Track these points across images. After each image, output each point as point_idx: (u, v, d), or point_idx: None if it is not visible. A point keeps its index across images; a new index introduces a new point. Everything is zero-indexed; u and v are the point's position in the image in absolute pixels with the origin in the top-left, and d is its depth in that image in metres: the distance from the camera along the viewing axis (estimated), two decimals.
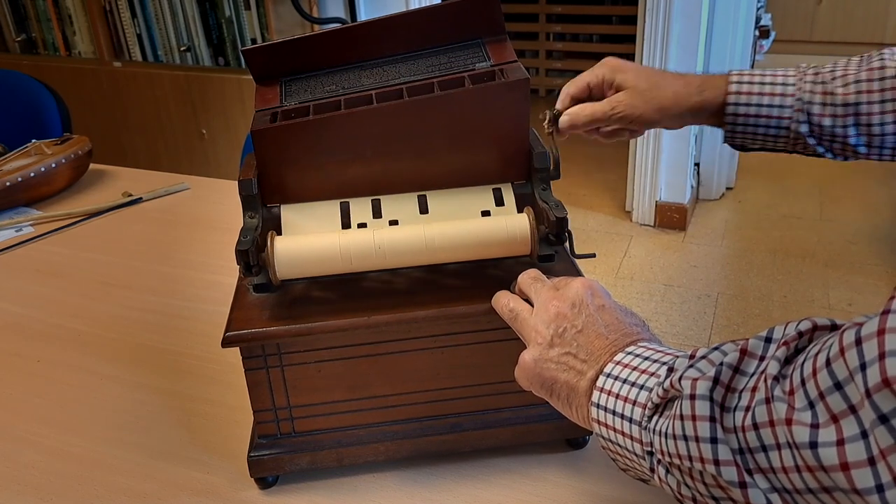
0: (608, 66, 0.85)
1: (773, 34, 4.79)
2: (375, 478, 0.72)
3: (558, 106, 0.86)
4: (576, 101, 0.86)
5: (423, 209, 0.72)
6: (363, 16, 2.47)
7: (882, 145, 0.78)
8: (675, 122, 0.84)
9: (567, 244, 0.69)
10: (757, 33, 2.98)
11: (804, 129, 0.79)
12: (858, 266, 2.61)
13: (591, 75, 0.85)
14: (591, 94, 0.86)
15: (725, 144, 0.85)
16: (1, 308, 1.05)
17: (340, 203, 0.72)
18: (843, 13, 4.77)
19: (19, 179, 1.31)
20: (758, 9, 2.89)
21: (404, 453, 0.72)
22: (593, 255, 0.72)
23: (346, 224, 0.71)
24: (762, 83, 0.80)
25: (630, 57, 3.21)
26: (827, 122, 0.78)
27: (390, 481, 0.72)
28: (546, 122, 0.85)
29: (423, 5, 1.40)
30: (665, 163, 2.84)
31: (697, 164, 3.02)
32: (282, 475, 0.72)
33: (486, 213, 0.72)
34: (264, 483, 0.72)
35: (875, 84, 0.76)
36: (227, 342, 0.65)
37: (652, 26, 2.64)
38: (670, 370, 0.48)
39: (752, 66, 3.03)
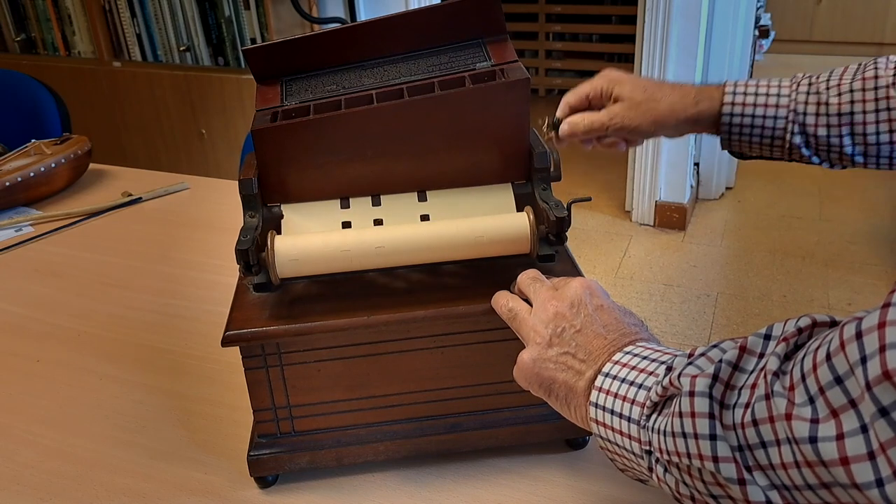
0: (606, 78, 0.86)
1: (772, 34, 4.79)
2: (375, 478, 0.72)
3: (558, 114, 0.88)
4: (574, 110, 0.87)
5: (423, 209, 0.72)
6: (363, 16, 2.47)
7: (878, 154, 0.79)
8: (673, 133, 0.86)
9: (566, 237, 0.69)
10: (757, 33, 2.99)
11: (798, 139, 0.80)
12: (858, 266, 2.61)
13: (590, 86, 0.87)
14: (591, 105, 0.87)
15: (722, 149, 0.86)
16: (1, 308, 1.05)
17: (340, 202, 0.72)
18: (843, 13, 4.78)
19: (19, 179, 1.31)
20: (757, 8, 2.90)
21: (404, 453, 0.72)
22: (589, 199, 0.73)
23: (346, 223, 0.71)
24: (756, 94, 0.81)
25: (630, 57, 3.22)
26: (822, 132, 0.79)
27: (390, 481, 0.72)
28: (545, 127, 0.87)
29: (424, 5, 1.40)
30: (665, 163, 2.84)
31: (697, 164, 3.02)
32: (281, 475, 0.72)
33: (484, 206, 0.72)
34: (264, 482, 0.72)
35: (869, 93, 0.76)
36: (226, 342, 0.65)
37: (651, 26, 2.64)
38: (669, 369, 0.48)
39: (752, 66, 3.04)
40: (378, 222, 0.71)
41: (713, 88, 0.84)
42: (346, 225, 0.71)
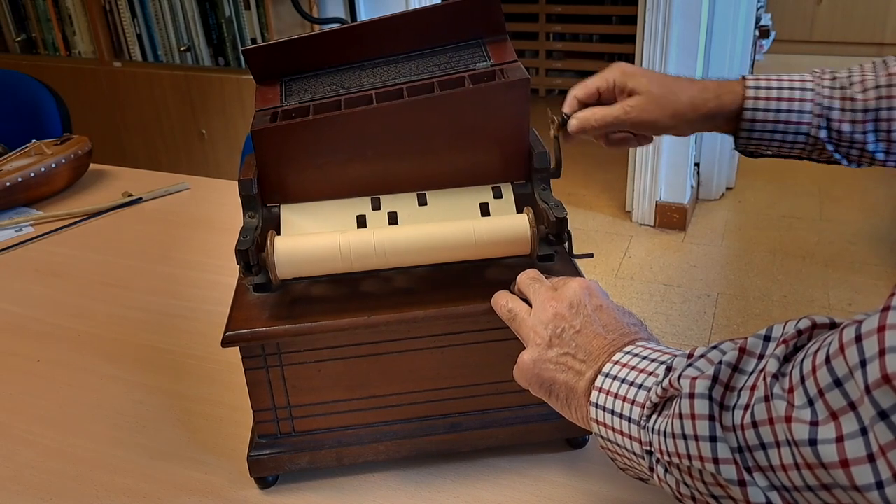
0: (619, 71, 0.82)
1: (773, 34, 4.79)
2: (375, 478, 0.72)
3: (566, 109, 0.84)
4: (583, 105, 0.84)
5: (423, 209, 0.72)
6: (363, 16, 2.47)
7: None
8: (688, 129, 0.83)
9: (566, 245, 0.69)
10: (757, 33, 2.98)
11: (823, 134, 0.78)
12: (858, 266, 2.61)
13: (601, 79, 0.83)
14: (601, 99, 0.84)
15: (733, 149, 0.84)
16: (1, 308, 1.05)
17: (340, 203, 0.72)
18: (843, 13, 4.77)
19: (19, 179, 1.31)
20: (758, 9, 2.89)
21: (404, 453, 0.72)
22: (591, 255, 0.72)
23: (346, 224, 0.71)
24: (780, 88, 0.79)
25: (630, 58, 3.23)
26: (846, 127, 0.77)
27: (390, 481, 0.72)
28: (553, 126, 0.83)
29: (423, 5, 1.40)
30: (665, 163, 2.84)
31: (697, 164, 3.02)
32: (282, 475, 0.72)
33: (484, 206, 0.72)
34: (264, 483, 0.72)
35: (895, 90, 0.75)
36: (226, 342, 0.65)
37: (652, 26, 2.64)
38: (669, 369, 0.48)
39: (752, 66, 3.04)
40: (378, 223, 0.71)
41: (733, 83, 0.81)
42: (346, 225, 0.71)
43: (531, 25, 4.32)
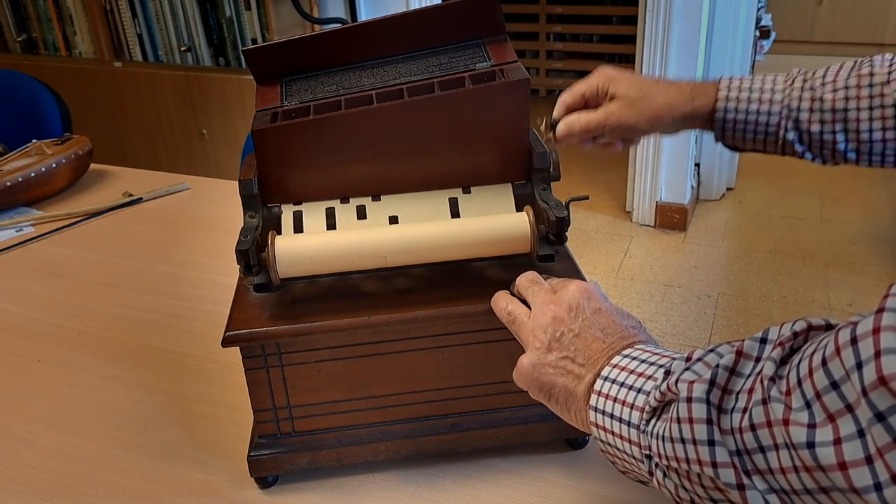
0: (602, 76, 0.86)
1: (773, 34, 4.79)
2: (375, 478, 0.72)
3: (554, 114, 0.88)
4: (570, 109, 0.87)
5: (423, 209, 0.72)
6: (363, 16, 2.47)
7: (871, 151, 0.79)
8: (669, 130, 0.86)
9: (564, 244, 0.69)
10: (757, 34, 2.98)
11: (791, 136, 0.80)
12: (858, 266, 2.61)
13: (586, 85, 0.86)
14: (587, 104, 0.87)
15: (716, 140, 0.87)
16: (1, 308, 1.05)
17: (340, 203, 0.72)
18: (843, 13, 4.77)
19: (20, 179, 1.31)
20: (758, 9, 2.89)
21: (404, 453, 0.72)
22: (586, 198, 0.73)
23: (346, 224, 0.71)
24: (751, 90, 0.82)
25: (630, 58, 3.23)
26: (815, 128, 0.79)
27: (390, 481, 0.72)
28: (542, 127, 0.87)
29: (424, 5, 1.40)
30: (665, 163, 2.84)
31: (698, 165, 3.02)
32: (282, 475, 0.72)
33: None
34: (264, 483, 0.72)
35: (864, 90, 0.76)
36: (227, 342, 0.65)
37: (652, 27, 2.64)
38: (667, 373, 0.48)
39: (753, 67, 3.04)
40: (378, 222, 0.71)
41: (708, 85, 0.84)
42: (346, 225, 0.71)
43: (531, 25, 4.32)
